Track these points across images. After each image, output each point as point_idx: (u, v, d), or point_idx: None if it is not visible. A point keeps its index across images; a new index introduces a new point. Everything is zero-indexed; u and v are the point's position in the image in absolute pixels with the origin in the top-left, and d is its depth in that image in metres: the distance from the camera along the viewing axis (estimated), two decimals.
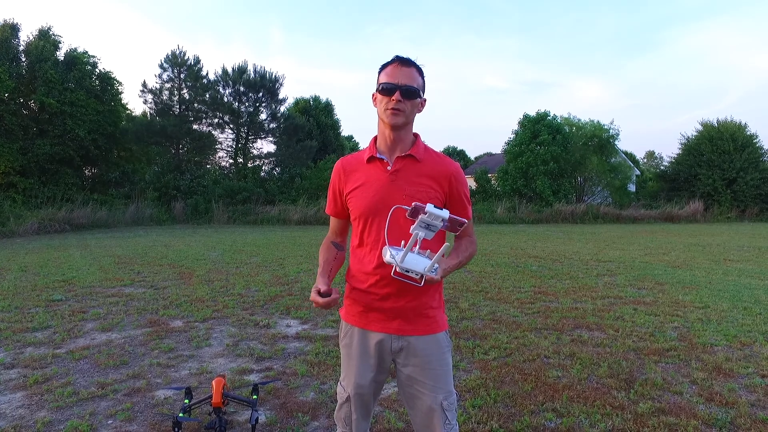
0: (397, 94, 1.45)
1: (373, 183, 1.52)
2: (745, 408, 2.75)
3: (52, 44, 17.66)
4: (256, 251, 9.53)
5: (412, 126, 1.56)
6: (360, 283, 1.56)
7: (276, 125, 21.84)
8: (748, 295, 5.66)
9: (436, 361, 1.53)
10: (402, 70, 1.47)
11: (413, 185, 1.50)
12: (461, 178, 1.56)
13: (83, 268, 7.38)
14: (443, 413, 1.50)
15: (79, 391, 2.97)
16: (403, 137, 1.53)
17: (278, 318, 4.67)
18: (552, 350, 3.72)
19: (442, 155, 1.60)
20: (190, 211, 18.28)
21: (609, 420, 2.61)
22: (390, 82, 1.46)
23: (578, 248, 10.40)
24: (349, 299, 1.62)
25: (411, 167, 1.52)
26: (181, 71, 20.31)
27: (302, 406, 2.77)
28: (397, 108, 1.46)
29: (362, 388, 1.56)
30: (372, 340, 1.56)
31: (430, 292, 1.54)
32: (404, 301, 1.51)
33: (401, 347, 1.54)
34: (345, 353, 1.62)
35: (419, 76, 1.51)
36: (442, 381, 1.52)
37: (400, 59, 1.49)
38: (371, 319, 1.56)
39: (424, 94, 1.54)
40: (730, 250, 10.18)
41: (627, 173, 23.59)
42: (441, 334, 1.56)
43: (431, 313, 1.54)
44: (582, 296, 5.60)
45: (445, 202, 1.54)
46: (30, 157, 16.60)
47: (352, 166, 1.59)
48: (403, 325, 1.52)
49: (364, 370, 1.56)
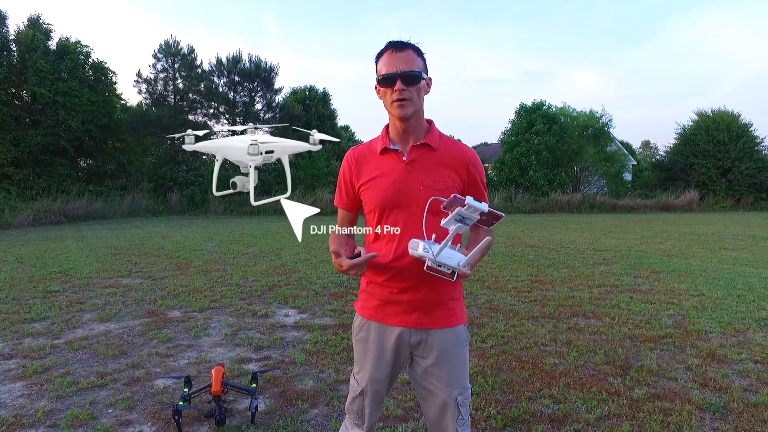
0: (398, 83, 1.38)
1: (389, 174, 1.46)
2: (739, 393, 2.79)
3: (43, 33, 17.39)
4: (253, 242, 9.52)
5: (422, 112, 1.49)
6: (377, 276, 1.51)
7: (272, 115, 21.70)
8: (742, 283, 5.71)
9: (452, 354, 1.49)
10: (398, 55, 1.40)
11: (430, 175, 1.44)
12: (479, 166, 1.52)
13: (80, 260, 7.36)
14: (457, 408, 1.47)
15: (78, 381, 2.98)
16: (416, 126, 1.47)
17: (276, 307, 4.68)
18: (549, 338, 3.76)
19: (457, 142, 1.54)
20: (187, 202, 18.20)
21: (605, 406, 2.65)
22: (388, 72, 1.40)
23: (575, 237, 10.44)
24: (365, 293, 1.57)
25: (427, 156, 1.47)
26: (175, 61, 20.08)
27: (301, 394, 2.79)
28: (402, 98, 1.40)
29: (378, 383, 1.53)
30: (390, 334, 1.51)
31: (449, 284, 1.47)
32: (422, 293, 1.47)
33: (419, 340, 1.50)
34: (361, 347, 1.57)
35: (418, 56, 1.43)
36: (457, 375, 1.49)
37: (394, 44, 1.42)
38: (388, 313, 1.51)
39: (427, 74, 1.46)
40: (725, 239, 10.25)
41: (622, 162, 23.64)
42: (459, 327, 1.52)
43: (450, 305, 1.50)
44: (578, 285, 5.64)
45: (463, 190, 1.48)
46: (23, 148, 16.44)
47: (364, 157, 1.53)
48: (421, 317, 1.48)
49: (380, 365, 1.52)
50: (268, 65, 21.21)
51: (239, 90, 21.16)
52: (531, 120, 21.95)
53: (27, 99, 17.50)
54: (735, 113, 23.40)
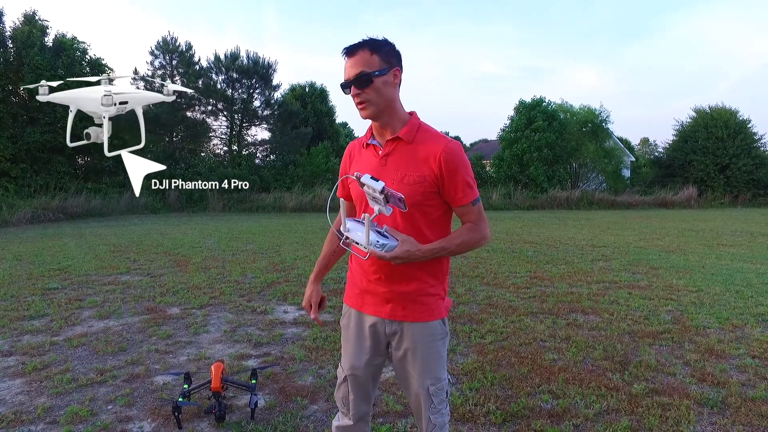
0: (352, 89, 1.41)
1: (367, 169, 1.49)
2: (736, 387, 2.80)
3: (39, 29, 17.30)
4: (252, 238, 9.51)
5: (394, 105, 1.46)
6: (357, 265, 1.58)
7: (270, 112, 21.64)
8: (740, 278, 5.73)
9: (425, 348, 1.52)
10: (349, 61, 1.42)
11: (401, 170, 1.45)
12: (453, 158, 1.41)
13: (79, 257, 7.34)
14: (429, 398, 1.52)
15: (78, 378, 2.98)
16: (388, 122, 1.47)
17: (275, 304, 4.68)
18: (548, 334, 3.76)
19: (437, 134, 1.47)
20: (185, 199, 18.18)
21: (604, 401, 2.65)
22: (344, 81, 1.43)
23: (573, 234, 10.45)
24: (349, 281, 1.64)
25: (401, 150, 1.47)
26: (173, 58, 20.01)
27: (301, 390, 2.80)
28: (359, 102, 1.43)
29: (357, 369, 1.58)
30: (366, 322, 1.57)
31: (425, 279, 1.49)
32: (396, 286, 1.49)
33: (395, 331, 1.54)
34: (343, 334, 1.65)
35: (372, 53, 1.40)
36: (429, 367, 1.52)
37: (346, 50, 1.43)
38: (366, 302, 1.57)
39: (388, 66, 1.42)
40: (723, 235, 10.27)
41: (621, 158, 23.65)
42: (435, 322, 1.52)
43: (426, 300, 1.50)
44: (577, 281, 5.65)
45: (439, 184, 1.43)
46: (21, 146, 16.37)
47: (355, 151, 1.61)
48: (395, 309, 1.51)
49: (359, 352, 1.58)
50: (266, 62, 21.15)
51: (237, 87, 21.09)
52: (530, 116, 21.93)
53: (24, 96, 17.41)
54: (733, 110, 23.43)
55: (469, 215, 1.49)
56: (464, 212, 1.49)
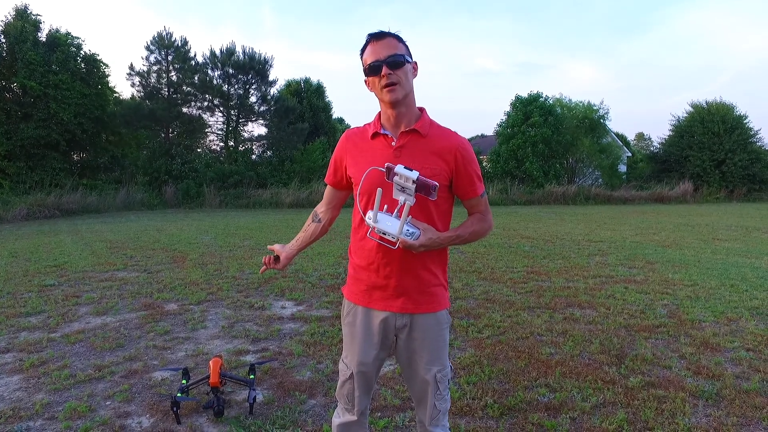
0: (384, 68, 1.42)
1: (377, 159, 1.48)
2: (731, 380, 2.83)
3: (32, 24, 17.13)
4: (249, 234, 9.50)
5: (413, 98, 1.51)
6: (363, 260, 1.56)
7: (266, 108, 21.54)
8: (736, 273, 5.77)
9: (434, 337, 1.56)
10: (379, 44, 1.44)
11: (418, 161, 1.46)
12: (467, 153, 1.51)
13: (75, 254, 7.32)
14: (435, 384, 1.56)
15: (76, 374, 2.98)
16: (406, 113, 1.49)
17: (273, 300, 4.68)
18: (545, 328, 3.78)
19: (448, 130, 1.55)
20: (182, 196, 18.11)
21: (600, 394, 2.68)
22: (374, 61, 1.43)
23: (570, 229, 10.49)
24: (352, 278, 1.62)
25: (416, 142, 1.49)
26: (168, 53, 19.86)
27: (299, 385, 2.81)
28: (390, 82, 1.43)
29: (366, 366, 1.58)
30: (376, 318, 1.56)
31: (432, 270, 1.54)
32: (407, 279, 1.51)
33: (404, 324, 1.55)
34: (348, 332, 1.62)
35: (399, 42, 1.46)
36: (437, 355, 1.57)
37: (374, 35, 1.46)
38: (375, 298, 1.56)
39: (412, 59, 1.49)
40: (719, 229, 10.33)
41: (617, 153, 23.69)
42: (442, 312, 1.58)
43: (434, 290, 1.55)
44: (574, 275, 5.68)
45: (452, 178, 1.50)
46: (15, 142, 16.26)
47: (357, 140, 1.57)
48: (406, 303, 1.53)
49: (367, 349, 1.57)
50: (262, 57, 21.02)
51: (233, 82, 20.97)
52: (527, 112, 21.92)
53: (18, 92, 17.27)
54: (730, 105, 23.50)
55: (478, 206, 1.58)
56: (474, 204, 1.57)
